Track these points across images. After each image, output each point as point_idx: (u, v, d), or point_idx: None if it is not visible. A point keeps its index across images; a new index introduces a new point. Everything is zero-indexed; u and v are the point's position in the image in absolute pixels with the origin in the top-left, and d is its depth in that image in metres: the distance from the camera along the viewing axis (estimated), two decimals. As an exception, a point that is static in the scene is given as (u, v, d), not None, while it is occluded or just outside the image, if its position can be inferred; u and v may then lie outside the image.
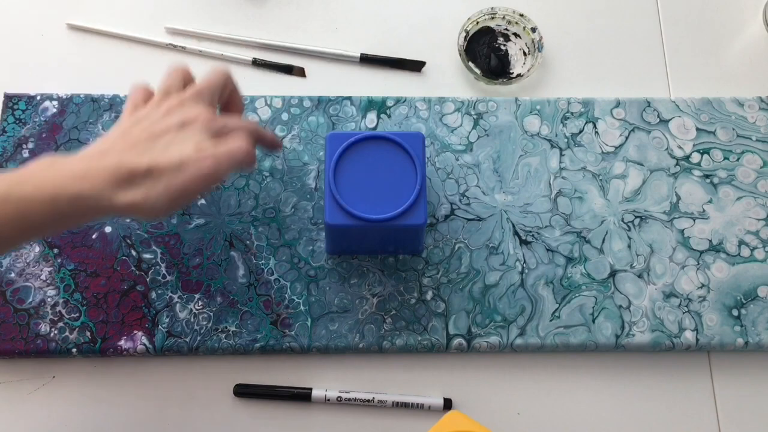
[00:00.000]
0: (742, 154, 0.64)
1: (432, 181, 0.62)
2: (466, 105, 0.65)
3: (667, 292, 0.59)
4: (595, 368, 0.59)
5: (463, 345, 0.58)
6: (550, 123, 0.64)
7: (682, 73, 0.68)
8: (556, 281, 0.59)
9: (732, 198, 0.62)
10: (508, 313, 0.58)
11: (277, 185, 0.62)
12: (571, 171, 0.63)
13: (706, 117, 0.65)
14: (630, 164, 0.63)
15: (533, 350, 0.58)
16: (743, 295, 0.59)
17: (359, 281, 0.59)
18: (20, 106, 0.64)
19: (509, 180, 0.62)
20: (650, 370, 0.59)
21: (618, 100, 0.65)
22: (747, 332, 0.58)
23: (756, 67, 0.69)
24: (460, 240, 0.60)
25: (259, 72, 0.68)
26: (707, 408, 0.58)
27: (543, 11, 0.69)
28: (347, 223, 0.53)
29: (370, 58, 0.68)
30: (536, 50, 0.67)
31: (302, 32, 0.69)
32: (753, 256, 0.60)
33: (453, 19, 0.69)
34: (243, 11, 0.70)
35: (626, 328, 0.58)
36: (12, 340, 0.57)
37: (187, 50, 0.68)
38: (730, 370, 0.59)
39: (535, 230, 0.61)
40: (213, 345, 0.57)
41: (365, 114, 0.64)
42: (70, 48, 0.68)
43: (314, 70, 0.68)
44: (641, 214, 0.62)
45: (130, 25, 0.69)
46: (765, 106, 0.65)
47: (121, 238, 0.60)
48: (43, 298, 0.58)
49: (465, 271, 0.59)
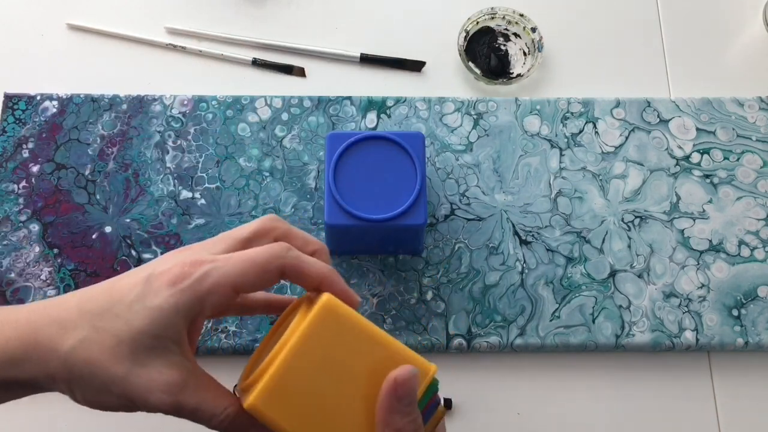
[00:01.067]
0: (742, 154, 0.64)
1: (432, 181, 0.62)
2: (466, 105, 0.65)
3: (667, 292, 0.59)
4: (595, 368, 0.59)
5: (463, 345, 0.58)
6: (550, 123, 0.64)
7: (682, 73, 0.68)
8: (556, 281, 0.59)
9: (732, 198, 0.62)
10: (508, 313, 0.58)
11: (277, 185, 0.62)
12: (571, 171, 0.63)
13: (706, 117, 0.65)
14: (630, 164, 0.63)
15: (533, 350, 0.58)
16: (743, 295, 0.59)
17: (359, 281, 0.59)
18: (20, 106, 0.64)
19: (509, 180, 0.62)
20: (650, 370, 0.59)
21: (618, 100, 0.65)
22: (747, 332, 0.58)
23: (756, 67, 0.69)
24: (460, 240, 0.60)
25: (259, 72, 0.68)
26: (707, 408, 0.58)
27: (543, 11, 0.69)
28: (347, 223, 0.53)
29: (370, 58, 0.68)
30: (536, 50, 0.67)
31: (302, 32, 0.69)
32: (753, 256, 0.60)
33: (453, 19, 0.69)
34: (243, 11, 0.70)
35: (626, 328, 0.58)
36: (12, 340, 0.57)
37: (187, 50, 0.68)
38: (730, 370, 0.59)
39: (535, 230, 0.61)
40: (213, 345, 0.57)
41: (365, 114, 0.64)
42: (70, 48, 0.68)
43: (314, 70, 0.68)
44: (641, 214, 0.62)
45: (130, 25, 0.69)
46: (765, 106, 0.65)
47: (121, 238, 0.60)
48: (43, 298, 0.58)
49: (465, 271, 0.59)
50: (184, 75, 0.68)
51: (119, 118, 0.64)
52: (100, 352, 0.35)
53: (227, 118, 0.64)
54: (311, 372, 0.35)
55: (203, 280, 0.36)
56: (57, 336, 0.36)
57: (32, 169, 0.62)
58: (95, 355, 0.35)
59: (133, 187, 0.62)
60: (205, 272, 0.36)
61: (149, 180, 0.62)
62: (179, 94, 0.65)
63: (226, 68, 0.68)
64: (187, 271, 0.36)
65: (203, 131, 0.63)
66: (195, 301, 0.36)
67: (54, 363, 0.36)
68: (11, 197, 0.61)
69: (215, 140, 0.63)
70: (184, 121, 0.64)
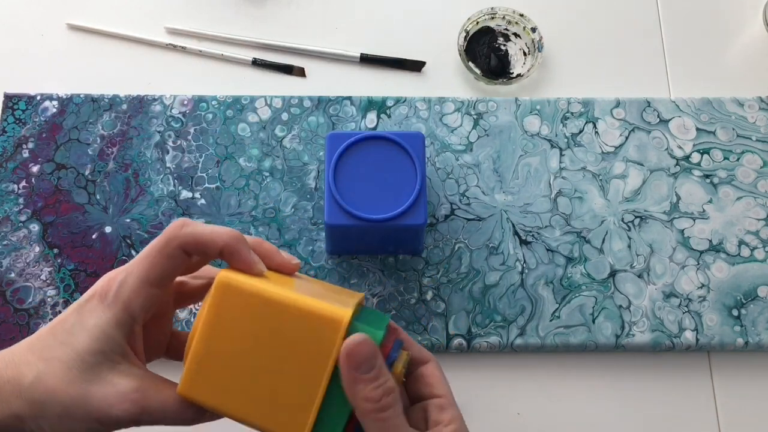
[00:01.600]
0: (742, 154, 0.64)
1: (432, 181, 0.62)
2: (466, 105, 0.65)
3: (667, 292, 0.59)
4: (595, 368, 0.59)
5: (463, 345, 0.58)
6: (550, 123, 0.64)
7: (682, 73, 0.68)
8: (556, 281, 0.59)
9: (732, 198, 0.62)
10: (508, 313, 0.58)
11: (277, 185, 0.62)
12: (571, 171, 0.63)
13: (706, 117, 0.65)
14: (630, 164, 0.63)
15: (533, 350, 0.58)
16: (743, 295, 0.59)
17: (359, 281, 0.59)
18: (20, 106, 0.64)
19: (509, 180, 0.62)
20: (650, 370, 0.59)
21: (618, 100, 0.65)
22: (747, 332, 0.58)
23: (756, 67, 0.69)
24: (460, 240, 0.60)
25: (259, 72, 0.68)
26: (707, 408, 0.58)
27: (543, 11, 0.69)
28: (347, 223, 0.53)
29: (370, 58, 0.68)
30: (536, 50, 0.67)
31: (302, 32, 0.69)
32: (753, 256, 0.60)
33: (453, 19, 0.69)
34: (243, 11, 0.70)
35: (626, 328, 0.58)
36: (12, 340, 0.57)
37: (187, 50, 0.68)
38: (730, 370, 0.59)
39: (535, 230, 0.61)
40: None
41: (365, 114, 0.64)
42: (70, 48, 0.68)
43: (314, 70, 0.68)
44: (641, 214, 0.62)
45: (130, 25, 0.69)
46: (765, 106, 0.65)
47: (121, 238, 0.60)
48: (43, 298, 0.58)
49: (465, 271, 0.59)
50: (184, 75, 0.68)
51: (119, 118, 0.64)
52: (54, 381, 0.37)
53: (227, 118, 0.64)
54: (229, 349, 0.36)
55: (121, 288, 0.38)
56: (14, 377, 0.37)
57: (32, 169, 0.62)
58: (51, 384, 0.37)
59: (133, 187, 0.62)
60: (120, 281, 0.38)
61: (149, 180, 0.62)
62: (179, 94, 0.65)
63: (226, 68, 0.68)
64: (108, 286, 0.39)
65: (203, 131, 0.63)
66: (121, 310, 0.38)
67: (17, 402, 0.37)
68: (11, 197, 0.61)
69: (215, 140, 0.63)
70: (184, 121, 0.64)
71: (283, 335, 0.35)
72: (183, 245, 0.39)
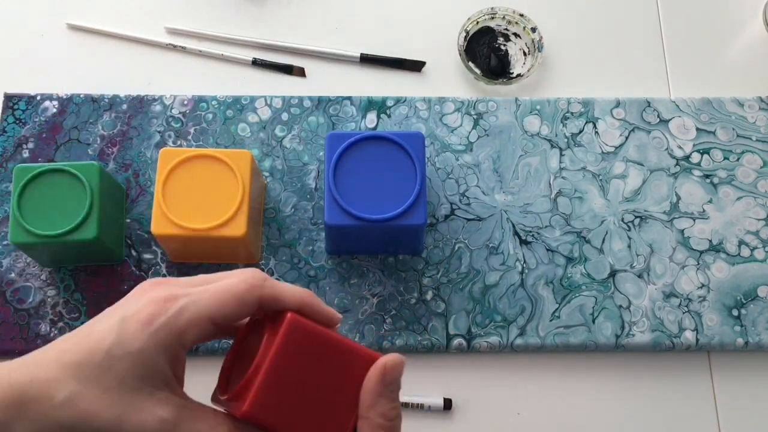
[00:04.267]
0: (742, 154, 0.64)
1: (432, 181, 0.62)
2: (466, 105, 0.65)
3: (667, 292, 0.59)
4: (595, 368, 0.59)
5: (463, 345, 0.58)
6: (550, 123, 0.64)
7: (682, 73, 0.68)
8: (556, 281, 0.59)
9: (732, 198, 0.62)
10: (508, 313, 0.58)
11: (277, 185, 0.62)
12: (571, 171, 0.63)
13: (706, 117, 0.65)
14: (630, 164, 0.63)
15: (533, 350, 0.58)
16: (743, 295, 0.59)
17: (359, 281, 0.59)
18: (20, 106, 0.64)
19: (509, 180, 0.62)
20: (650, 370, 0.59)
21: (618, 100, 0.65)
22: (747, 332, 0.58)
23: (756, 67, 0.69)
24: (460, 240, 0.60)
25: (259, 72, 0.68)
26: (707, 408, 0.58)
27: (543, 11, 0.69)
28: (347, 223, 0.53)
29: (370, 58, 0.68)
30: (536, 50, 0.67)
31: (302, 32, 0.69)
32: (753, 256, 0.60)
33: (453, 19, 0.69)
34: (243, 11, 0.70)
35: (626, 328, 0.58)
36: (12, 340, 0.57)
37: (187, 50, 0.68)
38: (730, 370, 0.59)
39: (535, 230, 0.61)
40: (213, 345, 0.57)
41: (365, 114, 0.64)
42: (70, 48, 0.68)
43: (314, 70, 0.68)
44: (641, 214, 0.62)
45: (130, 25, 0.69)
46: (765, 106, 0.65)
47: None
48: (43, 298, 0.58)
49: (465, 271, 0.59)
50: (184, 75, 0.68)
51: (119, 118, 0.64)
52: (88, 404, 0.35)
53: (227, 118, 0.64)
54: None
55: (179, 316, 0.36)
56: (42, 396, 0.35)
57: (32, 169, 0.62)
58: (84, 407, 0.35)
59: (133, 187, 0.62)
60: (180, 308, 0.36)
61: (149, 180, 0.62)
62: (179, 94, 0.65)
63: (226, 68, 0.68)
64: (161, 308, 0.36)
65: (203, 131, 0.63)
66: (173, 338, 0.36)
67: (44, 422, 0.35)
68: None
69: (215, 140, 0.63)
70: (184, 121, 0.64)
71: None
72: (262, 299, 0.37)
